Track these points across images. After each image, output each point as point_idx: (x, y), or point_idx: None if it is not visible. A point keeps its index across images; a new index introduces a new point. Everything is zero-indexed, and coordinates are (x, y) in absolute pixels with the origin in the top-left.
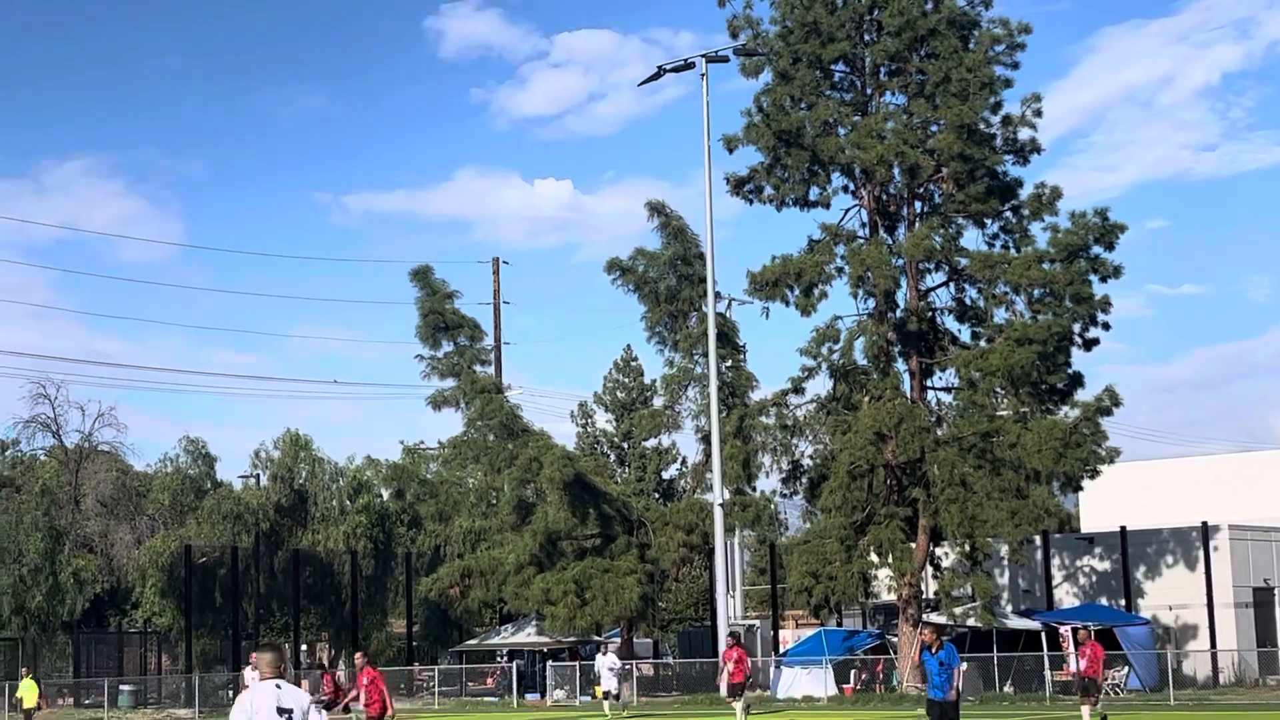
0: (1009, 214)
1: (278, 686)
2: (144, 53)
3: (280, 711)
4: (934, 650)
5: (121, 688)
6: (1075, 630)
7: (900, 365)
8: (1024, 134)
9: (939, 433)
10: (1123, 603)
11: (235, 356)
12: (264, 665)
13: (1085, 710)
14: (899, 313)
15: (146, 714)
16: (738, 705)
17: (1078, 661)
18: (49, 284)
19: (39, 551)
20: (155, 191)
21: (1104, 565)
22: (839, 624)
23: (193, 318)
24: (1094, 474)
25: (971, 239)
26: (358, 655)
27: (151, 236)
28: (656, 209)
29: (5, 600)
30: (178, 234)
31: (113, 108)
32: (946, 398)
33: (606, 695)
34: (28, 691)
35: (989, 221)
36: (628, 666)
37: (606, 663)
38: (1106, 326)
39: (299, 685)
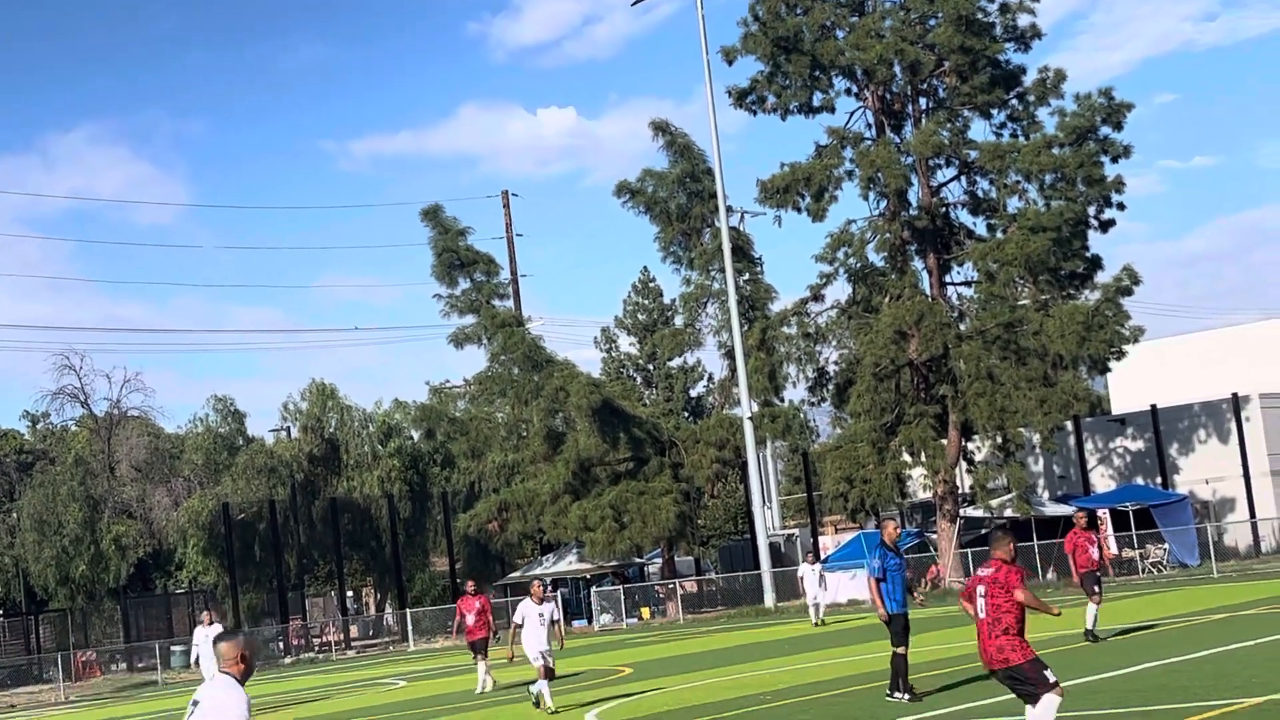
0: (1015, 102)
1: None
2: (140, 15)
3: None
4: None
5: (173, 649)
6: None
7: (917, 263)
8: (1023, 20)
9: (961, 328)
10: (1159, 481)
11: (255, 312)
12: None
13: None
14: (912, 211)
15: (200, 673)
16: (480, 665)
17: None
18: (65, 255)
19: (78, 521)
20: (161, 154)
21: (1137, 445)
22: (877, 527)
23: (209, 277)
24: (1120, 355)
25: (979, 131)
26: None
27: (160, 199)
28: (661, 128)
29: (50, 572)
30: (186, 195)
31: (112, 73)
32: (967, 292)
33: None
34: None
35: (995, 112)
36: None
37: (202, 640)
38: (1121, 207)
39: (349, 630)
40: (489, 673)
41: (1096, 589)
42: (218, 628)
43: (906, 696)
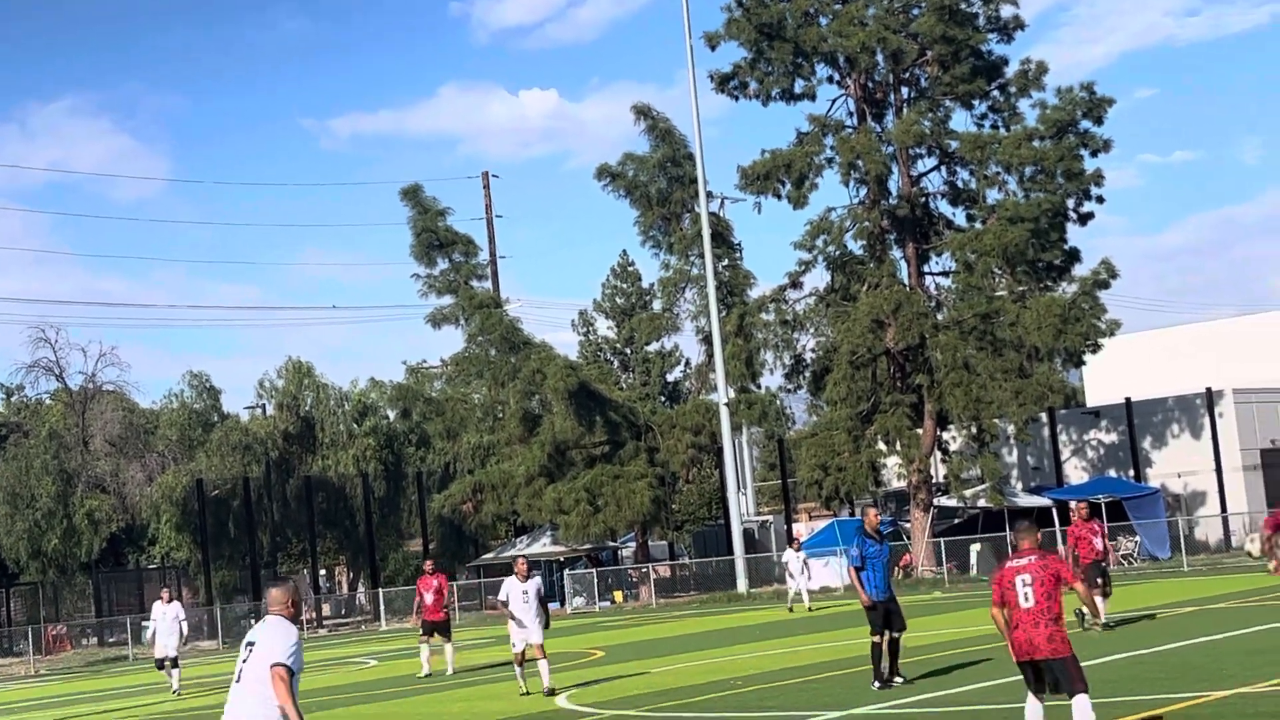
0: (996, 93)
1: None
2: None
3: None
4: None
5: (144, 624)
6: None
7: (896, 252)
8: (1006, 11)
9: (939, 317)
10: (1131, 473)
11: (233, 288)
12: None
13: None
14: (892, 200)
15: (156, 650)
16: (447, 647)
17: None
18: (45, 228)
19: (51, 495)
20: (142, 128)
21: (1111, 438)
22: (851, 514)
23: (188, 252)
24: (1095, 348)
25: (960, 121)
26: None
27: (141, 173)
28: (642, 112)
29: (21, 545)
30: (167, 169)
31: (94, 46)
32: (944, 282)
33: None
34: None
35: (977, 102)
36: None
37: (159, 617)
38: (1100, 200)
39: (321, 609)
40: (433, 655)
41: (1100, 580)
42: (176, 606)
43: (876, 684)
